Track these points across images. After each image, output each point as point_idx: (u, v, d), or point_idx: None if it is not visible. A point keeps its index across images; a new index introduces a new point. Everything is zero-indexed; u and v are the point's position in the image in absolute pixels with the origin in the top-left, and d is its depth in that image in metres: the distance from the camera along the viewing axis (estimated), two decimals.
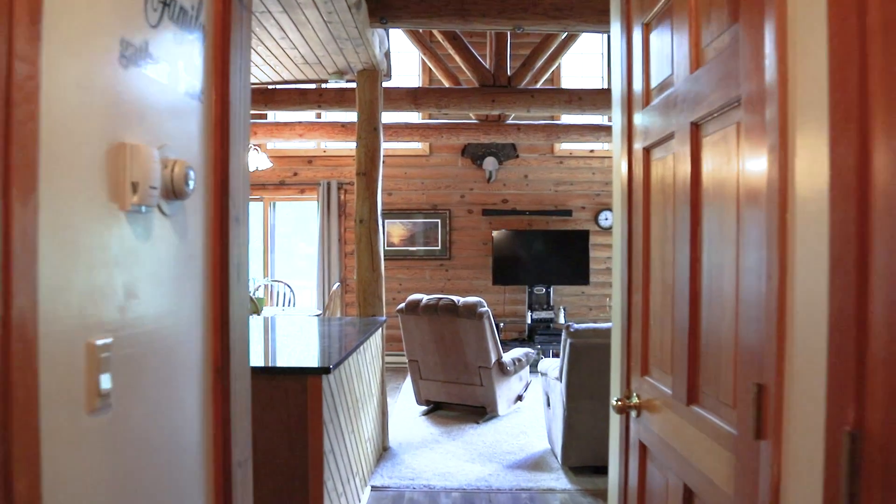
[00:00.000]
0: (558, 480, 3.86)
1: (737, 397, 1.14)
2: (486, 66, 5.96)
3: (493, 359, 4.93)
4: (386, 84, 5.10)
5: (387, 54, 4.61)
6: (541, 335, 7.06)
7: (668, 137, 1.54)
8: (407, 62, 7.67)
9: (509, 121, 7.05)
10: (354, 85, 4.65)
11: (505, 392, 5.18)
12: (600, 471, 3.87)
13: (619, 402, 1.74)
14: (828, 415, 0.83)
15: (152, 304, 1.18)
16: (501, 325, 7.34)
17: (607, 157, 7.67)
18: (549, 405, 4.31)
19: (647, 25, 1.73)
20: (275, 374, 2.46)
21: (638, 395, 1.71)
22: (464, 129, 6.99)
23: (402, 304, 5.16)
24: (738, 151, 1.18)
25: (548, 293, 7.43)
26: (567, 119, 7.40)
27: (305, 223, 8.11)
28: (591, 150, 7.74)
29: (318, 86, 5.89)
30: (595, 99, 5.82)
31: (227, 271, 1.46)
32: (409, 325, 5.15)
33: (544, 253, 7.47)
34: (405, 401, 5.78)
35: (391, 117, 6.90)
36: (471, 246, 7.71)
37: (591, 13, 3.97)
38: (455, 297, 4.97)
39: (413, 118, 7.37)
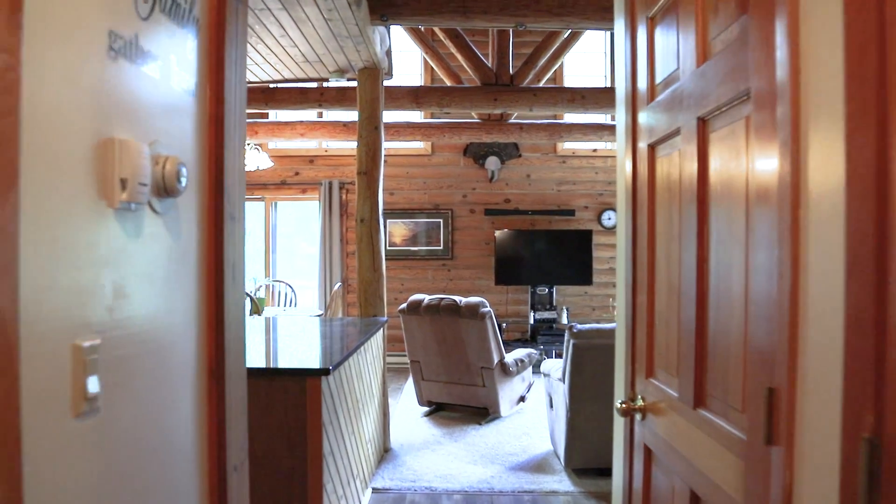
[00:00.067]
0: (561, 483, 3.82)
1: (746, 401, 1.10)
2: (489, 64, 5.93)
3: (496, 359, 4.89)
4: (387, 83, 5.07)
5: (388, 52, 4.57)
6: (543, 336, 7.02)
7: (673, 134, 1.50)
8: (409, 61, 7.64)
9: (512, 120, 7.01)
10: (355, 83, 4.61)
11: (507, 393, 5.15)
12: (604, 473, 3.83)
13: (623, 405, 1.70)
14: (844, 420, 0.79)
15: (143, 305, 1.15)
16: (504, 325, 7.30)
17: (610, 156, 7.62)
18: (551, 406, 4.27)
19: (651, 19, 1.70)
20: (273, 375, 2.43)
21: (643, 398, 1.68)
22: (466, 128, 6.96)
23: (404, 305, 5.13)
24: (747, 147, 1.15)
25: (551, 293, 7.39)
26: (570, 118, 7.35)
27: (307, 223, 8.08)
28: (594, 150, 7.69)
29: (319, 84, 5.87)
30: (598, 97, 5.78)
31: (222, 270, 1.43)
32: (411, 326, 5.11)
33: (547, 253, 7.43)
34: (407, 401, 5.75)
35: (393, 116, 6.87)
36: (473, 246, 7.67)
37: (594, 10, 3.92)
38: (457, 298, 4.94)
39: (415, 117, 7.34)
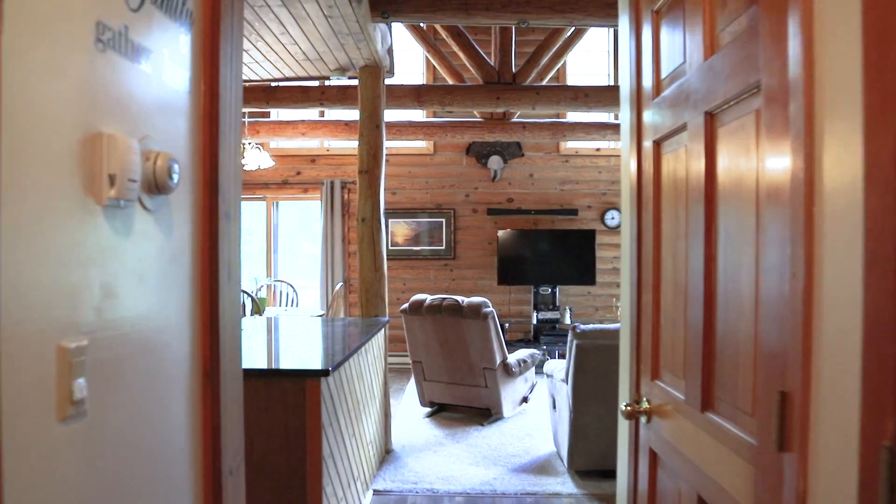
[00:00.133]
0: (564, 485, 3.78)
1: (756, 405, 1.07)
2: (491, 63, 5.89)
3: (498, 360, 4.85)
4: (389, 81, 5.03)
5: (389, 50, 4.54)
6: (546, 336, 6.98)
7: (680, 129, 1.47)
8: (411, 60, 7.60)
9: (514, 119, 6.97)
10: (357, 82, 4.58)
11: (510, 394, 5.11)
12: (608, 475, 3.79)
13: (628, 407, 1.66)
14: (863, 427, 0.76)
15: (133, 305, 1.11)
16: (506, 325, 7.26)
17: (614, 155, 7.58)
18: (554, 407, 4.23)
19: (656, 13, 1.66)
20: (272, 376, 2.39)
21: (648, 400, 1.64)
22: (468, 127, 6.92)
23: (406, 305, 5.09)
24: (757, 141, 1.11)
25: (553, 293, 7.34)
26: (573, 117, 7.30)
27: (309, 223, 8.05)
28: (598, 149, 7.65)
29: (320, 83, 5.84)
30: (601, 96, 5.74)
31: (217, 270, 1.40)
32: (413, 326, 5.08)
33: (550, 253, 7.38)
34: (409, 402, 5.71)
35: (395, 115, 6.84)
36: (475, 245, 7.63)
37: (597, 6, 3.88)
38: (459, 298, 4.90)
39: (417, 116, 7.30)
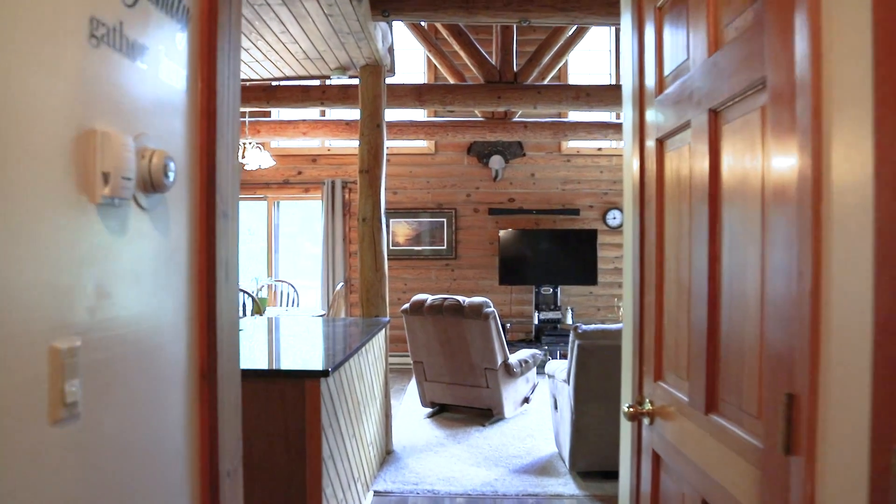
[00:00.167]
0: (566, 486, 3.76)
1: (762, 407, 1.04)
2: (492, 62, 5.87)
3: (500, 360, 4.83)
4: (390, 80, 5.01)
5: (390, 49, 4.52)
6: (548, 336, 6.96)
7: (683, 127, 1.45)
8: (412, 60, 7.58)
9: (516, 118, 6.94)
10: (357, 81, 4.56)
11: (511, 394, 5.09)
12: (609, 476, 3.77)
13: (630, 409, 1.64)
14: (873, 430, 0.74)
15: (128, 305, 1.09)
16: (508, 325, 7.24)
17: (615, 154, 7.55)
18: (556, 408, 4.21)
19: (659, 9, 1.64)
20: (271, 376, 2.38)
21: (651, 402, 1.62)
22: (469, 126, 6.89)
23: (407, 305, 5.07)
24: (762, 138, 1.09)
25: (555, 293, 7.32)
26: (574, 116, 7.28)
27: (310, 223, 8.04)
28: (599, 149, 7.62)
29: (321, 82, 5.82)
30: (603, 95, 5.72)
31: (215, 269, 1.38)
32: (414, 326, 5.06)
33: (551, 252, 7.36)
34: (410, 403, 5.69)
35: (396, 115, 6.82)
36: (477, 245, 7.61)
37: (599, 4, 3.86)
38: (460, 298, 4.88)
39: (418, 116, 7.28)
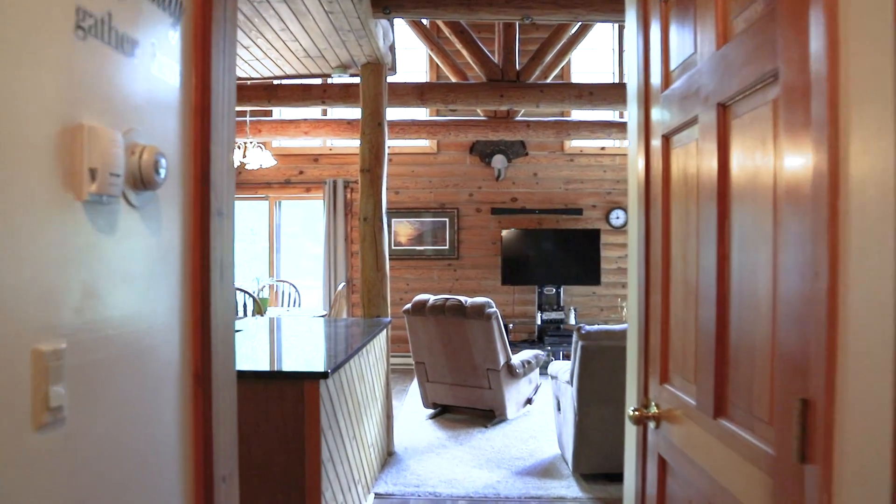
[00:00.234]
0: (569, 488, 3.72)
1: (774, 412, 1.00)
2: (495, 60, 5.83)
3: (502, 361, 4.79)
4: (392, 79, 4.98)
5: (391, 47, 4.48)
6: (551, 336, 6.92)
7: (690, 123, 1.40)
8: (414, 59, 7.55)
9: (518, 117, 6.90)
10: (359, 79, 4.52)
11: (514, 395, 5.05)
12: (613, 479, 3.72)
13: (636, 412, 1.60)
14: None
15: (118, 306, 1.06)
16: (510, 326, 7.20)
17: (618, 154, 7.50)
18: (559, 409, 4.17)
19: (665, 2, 1.60)
20: (269, 378, 2.34)
21: (657, 405, 1.58)
22: (472, 126, 6.85)
23: (409, 305, 5.03)
24: (774, 133, 1.05)
25: (558, 293, 7.28)
26: (577, 115, 7.23)
27: (312, 222, 8.01)
28: (602, 148, 7.58)
29: (322, 81, 5.79)
30: (607, 93, 5.67)
31: (209, 269, 1.34)
32: (416, 327, 5.02)
33: (554, 252, 7.32)
34: (412, 403, 5.66)
35: (398, 114, 6.78)
36: (479, 245, 7.57)
37: (603, 0, 3.81)
38: (463, 298, 4.84)
39: (420, 115, 7.24)
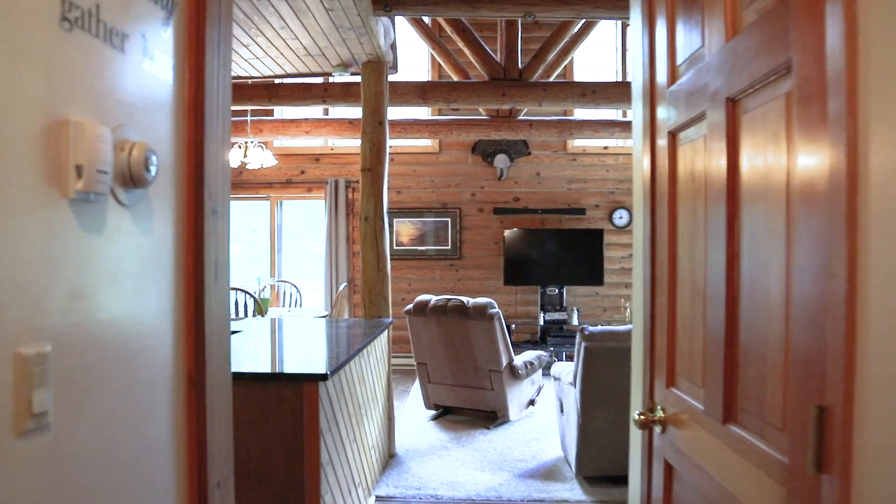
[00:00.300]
0: (572, 491, 3.68)
1: (787, 418, 0.97)
2: (497, 59, 5.79)
3: (504, 362, 4.75)
4: (393, 78, 4.94)
5: (392, 46, 4.44)
6: (553, 337, 6.88)
7: (698, 118, 1.37)
8: (415, 58, 7.51)
9: (521, 117, 6.86)
10: (360, 78, 4.49)
11: (516, 396, 5.01)
12: (617, 481, 3.68)
13: (641, 416, 1.56)
14: None
15: (106, 307, 1.02)
16: (513, 326, 7.16)
17: (622, 153, 7.46)
18: (562, 411, 4.13)
19: None
20: (268, 380, 2.31)
21: (663, 409, 1.54)
22: (474, 125, 6.81)
23: (410, 306, 5.00)
24: (787, 127, 1.01)
25: (561, 294, 7.24)
26: (580, 114, 7.19)
27: (313, 222, 7.97)
28: (605, 147, 7.54)
29: (323, 80, 5.75)
30: (610, 92, 5.63)
31: (203, 269, 1.31)
32: (417, 327, 4.98)
33: (557, 252, 7.27)
34: (413, 405, 5.62)
35: (399, 113, 6.75)
36: (482, 245, 7.54)
37: None
38: (465, 298, 4.81)
39: (422, 114, 7.21)
